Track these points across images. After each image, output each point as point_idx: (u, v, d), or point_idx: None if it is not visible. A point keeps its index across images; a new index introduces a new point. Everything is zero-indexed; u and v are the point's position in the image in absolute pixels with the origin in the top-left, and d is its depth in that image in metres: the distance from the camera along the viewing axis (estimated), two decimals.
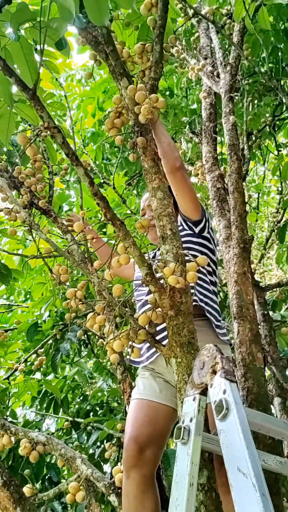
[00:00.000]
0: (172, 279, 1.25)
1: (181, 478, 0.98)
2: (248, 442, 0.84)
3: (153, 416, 1.53)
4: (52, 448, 1.83)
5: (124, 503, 1.42)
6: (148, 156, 1.61)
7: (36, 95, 1.16)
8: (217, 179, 2.67)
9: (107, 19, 1.19)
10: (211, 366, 1.04)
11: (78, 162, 1.24)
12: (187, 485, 0.95)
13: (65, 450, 1.79)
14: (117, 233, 1.30)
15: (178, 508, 0.94)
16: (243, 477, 0.81)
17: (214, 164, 2.76)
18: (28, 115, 2.28)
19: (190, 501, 0.94)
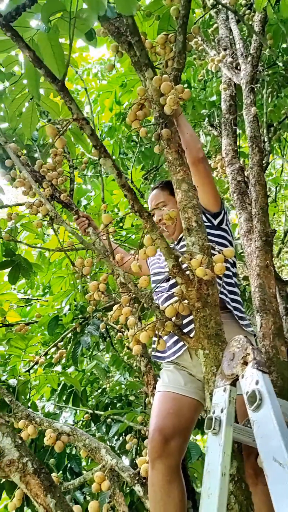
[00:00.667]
0: (200, 271, 1.24)
1: (213, 468, 0.98)
2: (283, 432, 0.84)
3: (178, 408, 1.53)
4: (76, 439, 1.85)
5: (150, 493, 1.43)
6: (172, 148, 1.61)
7: (65, 87, 1.17)
8: (237, 172, 2.65)
9: (135, 8, 1.19)
10: (242, 357, 1.04)
11: (107, 153, 1.24)
12: (220, 474, 0.95)
13: (90, 440, 1.81)
14: (144, 225, 1.30)
15: (211, 497, 0.94)
16: (279, 467, 0.81)
17: (234, 157, 2.74)
18: (51, 108, 2.30)
19: (222, 490, 0.94)
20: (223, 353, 1.15)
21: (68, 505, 1.28)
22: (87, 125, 1.20)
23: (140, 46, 1.52)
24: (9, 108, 2.16)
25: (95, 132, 1.23)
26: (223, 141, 2.83)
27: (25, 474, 1.26)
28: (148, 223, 1.29)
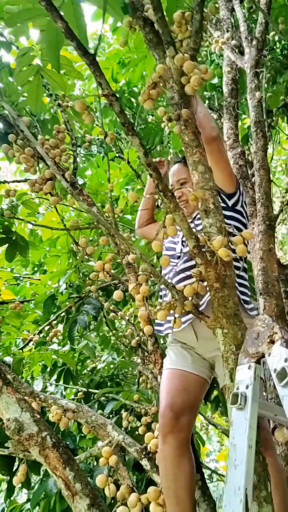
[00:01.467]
0: (222, 252, 1.26)
1: (240, 441, 1.02)
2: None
3: (186, 385, 1.57)
4: (82, 415, 1.87)
5: (161, 466, 1.47)
6: (189, 129, 1.60)
7: (96, 61, 1.15)
8: (239, 156, 2.66)
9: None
10: (268, 336, 1.07)
11: (134, 132, 1.23)
12: (247, 447, 0.99)
13: (96, 417, 1.84)
14: (167, 205, 1.30)
15: (238, 468, 0.98)
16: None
17: (235, 140, 2.75)
18: (56, 82, 2.25)
19: (249, 462, 0.98)
20: (246, 332, 1.18)
21: (85, 477, 1.31)
22: (116, 101, 1.19)
23: (163, 23, 1.49)
24: (16, 80, 2.11)
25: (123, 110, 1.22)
26: (225, 125, 2.84)
27: (44, 448, 1.28)
28: (172, 203, 1.30)
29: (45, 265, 3.93)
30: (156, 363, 1.86)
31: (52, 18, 1.05)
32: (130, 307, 3.47)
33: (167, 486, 1.42)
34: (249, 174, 2.64)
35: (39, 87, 2.18)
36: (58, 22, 1.07)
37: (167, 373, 1.64)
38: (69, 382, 3.37)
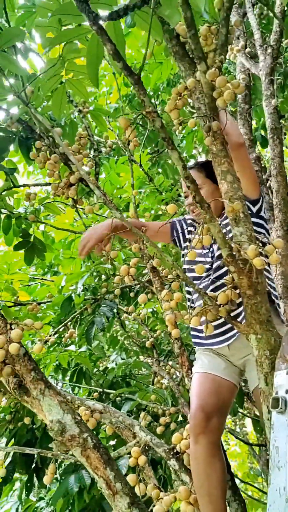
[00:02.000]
0: (258, 261, 1.32)
1: (282, 443, 1.07)
2: None
3: (217, 388, 1.63)
4: (109, 416, 1.93)
5: (193, 466, 1.53)
6: (218, 140, 1.66)
7: (140, 80, 1.20)
8: (254, 162, 2.72)
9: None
10: None
11: (174, 146, 1.28)
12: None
13: (123, 417, 1.89)
14: (203, 215, 1.36)
15: (282, 470, 1.04)
16: None
17: (250, 146, 2.80)
18: (79, 90, 2.30)
19: None
20: (283, 338, 1.23)
21: (124, 477, 1.36)
22: (158, 118, 1.24)
23: (196, 40, 1.54)
24: (43, 88, 2.16)
25: (164, 125, 1.27)
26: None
27: (85, 449, 1.33)
28: (208, 214, 1.35)
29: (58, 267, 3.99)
30: (183, 365, 1.92)
31: (102, 41, 1.10)
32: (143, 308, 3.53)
33: (200, 485, 1.48)
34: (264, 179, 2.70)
35: (63, 95, 2.24)
36: (107, 45, 1.11)
37: (198, 376, 1.70)
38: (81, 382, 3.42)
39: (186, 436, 1.69)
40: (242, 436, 5.48)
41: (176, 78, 3.80)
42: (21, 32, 1.74)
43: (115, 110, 4.22)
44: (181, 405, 2.34)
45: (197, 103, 1.79)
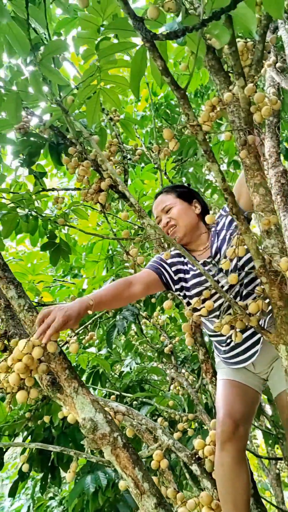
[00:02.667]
0: None
1: None
2: None
3: (244, 396, 1.66)
4: (132, 418, 1.96)
5: (219, 472, 1.55)
6: (252, 153, 1.70)
7: (186, 95, 1.25)
8: (281, 175, 2.75)
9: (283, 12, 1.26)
10: None
11: (214, 159, 1.33)
12: None
13: (146, 420, 1.92)
14: (239, 227, 1.40)
15: None
16: None
17: (277, 159, 2.84)
18: (112, 99, 2.37)
19: None
20: None
21: (151, 478, 1.40)
22: (201, 131, 1.29)
23: (236, 56, 1.59)
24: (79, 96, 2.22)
25: (206, 138, 1.32)
26: (267, 143, 2.92)
27: (115, 448, 1.37)
28: (244, 225, 1.39)
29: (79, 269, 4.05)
30: (207, 372, 1.95)
31: (153, 57, 1.16)
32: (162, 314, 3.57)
33: (225, 492, 1.51)
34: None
35: (97, 103, 2.30)
36: (158, 61, 1.17)
37: (224, 383, 1.73)
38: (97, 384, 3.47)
39: (209, 443, 1.71)
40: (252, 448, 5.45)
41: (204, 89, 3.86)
42: (64, 45, 1.81)
43: (141, 118, 4.29)
44: (199, 412, 2.37)
45: (231, 116, 1.84)
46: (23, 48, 1.66)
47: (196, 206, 1.89)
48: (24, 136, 2.74)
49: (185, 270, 1.83)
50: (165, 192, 1.93)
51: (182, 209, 1.83)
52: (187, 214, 1.82)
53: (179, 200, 1.87)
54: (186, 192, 1.92)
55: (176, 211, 1.81)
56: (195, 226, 1.83)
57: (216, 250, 1.75)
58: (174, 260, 1.85)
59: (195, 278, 1.79)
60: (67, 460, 2.88)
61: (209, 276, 1.56)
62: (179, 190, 1.91)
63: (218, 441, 1.57)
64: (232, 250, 1.46)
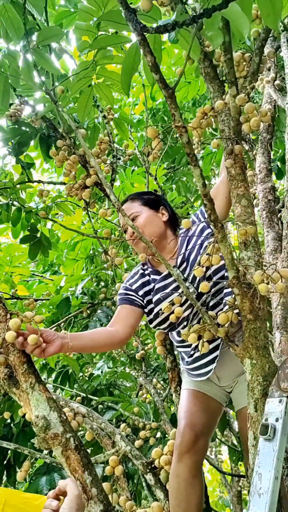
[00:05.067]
0: (263, 287, 1.33)
1: (265, 471, 1.07)
2: None
3: (206, 407, 1.63)
4: (91, 421, 1.91)
5: (173, 483, 1.51)
6: (238, 163, 1.69)
7: (174, 95, 1.22)
8: (269, 191, 2.75)
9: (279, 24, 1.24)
10: None
11: (197, 163, 1.30)
12: (273, 478, 1.05)
13: (106, 424, 1.88)
14: (216, 235, 1.37)
15: (262, 497, 1.03)
16: None
17: (267, 175, 2.83)
18: (106, 96, 2.34)
19: (275, 492, 1.03)
20: (279, 366, 1.24)
21: (101, 483, 1.35)
22: (186, 133, 1.26)
23: (230, 64, 1.58)
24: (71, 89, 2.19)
25: (190, 141, 1.29)
26: (258, 159, 2.92)
27: (67, 449, 1.32)
28: (220, 234, 1.37)
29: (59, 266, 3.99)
30: (172, 380, 1.91)
31: (144, 52, 1.13)
32: None
33: (177, 504, 1.46)
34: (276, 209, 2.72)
35: (89, 98, 2.27)
36: (148, 56, 1.14)
37: (188, 393, 1.69)
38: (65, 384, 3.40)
39: (166, 452, 1.67)
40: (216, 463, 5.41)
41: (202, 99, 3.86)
42: (60, 32, 1.78)
43: (138, 122, 4.27)
44: (163, 422, 2.33)
45: (221, 125, 1.82)
46: (17, 32, 1.62)
47: (164, 213, 1.82)
48: (15, 125, 2.69)
49: (150, 290, 1.75)
50: (130, 199, 1.86)
51: (148, 217, 1.76)
52: (153, 223, 1.75)
53: (145, 207, 1.79)
54: (153, 199, 1.85)
55: (142, 220, 1.74)
56: (162, 234, 1.77)
57: (183, 259, 1.69)
58: (138, 283, 1.77)
59: (157, 293, 1.71)
60: (24, 459, 2.80)
61: (181, 283, 1.53)
62: (145, 197, 1.85)
63: (176, 452, 1.53)
64: (206, 257, 1.43)
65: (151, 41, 1.38)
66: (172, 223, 1.84)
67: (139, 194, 1.89)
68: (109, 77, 2.22)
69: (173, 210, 1.89)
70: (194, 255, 1.66)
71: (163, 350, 1.98)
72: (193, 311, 1.69)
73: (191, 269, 1.65)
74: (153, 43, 1.40)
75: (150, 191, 1.99)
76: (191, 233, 1.73)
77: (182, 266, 1.69)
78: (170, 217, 1.82)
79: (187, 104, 4.19)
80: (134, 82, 4.24)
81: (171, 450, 1.67)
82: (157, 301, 1.68)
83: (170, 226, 1.82)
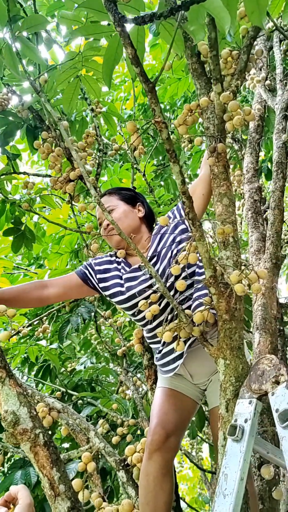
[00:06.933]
0: (239, 287, 1.32)
1: (231, 471, 1.06)
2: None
3: (179, 406, 1.62)
4: (66, 416, 1.90)
5: (143, 481, 1.50)
6: (221, 162, 1.67)
7: (154, 89, 1.20)
8: (255, 191, 2.74)
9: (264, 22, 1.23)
10: (273, 376, 1.13)
11: (176, 159, 1.29)
12: (238, 479, 1.04)
13: (80, 420, 1.86)
14: (193, 233, 1.36)
15: (227, 498, 1.03)
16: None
17: (254, 175, 2.83)
18: (93, 89, 2.31)
19: (239, 493, 1.03)
20: (251, 368, 1.23)
21: (69, 481, 1.34)
22: (166, 129, 1.25)
23: (216, 61, 1.56)
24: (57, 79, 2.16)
25: (170, 137, 1.28)
26: (246, 159, 2.92)
27: (35, 445, 1.31)
28: (198, 232, 1.35)
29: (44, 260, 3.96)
30: (149, 378, 1.90)
31: (124, 43, 1.11)
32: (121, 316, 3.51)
33: (146, 502, 1.46)
34: (261, 210, 2.72)
35: (76, 89, 2.24)
36: (128, 48, 1.12)
37: (161, 391, 1.68)
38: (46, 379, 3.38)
39: (139, 450, 1.67)
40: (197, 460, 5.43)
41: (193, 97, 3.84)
42: (45, 20, 1.75)
43: (129, 117, 4.24)
44: (141, 419, 2.32)
45: (206, 122, 1.81)
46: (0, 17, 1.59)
47: (140, 210, 1.84)
48: (2, 114, 2.65)
49: (110, 276, 1.74)
50: (108, 193, 1.89)
51: (123, 212, 1.78)
52: (128, 217, 1.77)
53: (121, 202, 1.82)
54: (130, 195, 1.88)
55: (117, 214, 1.76)
56: (136, 229, 1.78)
57: (153, 253, 1.70)
58: (102, 267, 1.77)
59: (128, 281, 1.70)
60: None
61: (159, 280, 1.51)
62: (123, 192, 1.88)
63: (146, 450, 1.52)
64: (183, 255, 1.42)
65: (134, 34, 1.36)
66: (148, 221, 1.86)
67: (118, 189, 1.91)
68: (97, 69, 2.19)
69: (150, 208, 1.90)
70: (165, 250, 1.67)
71: (140, 348, 1.97)
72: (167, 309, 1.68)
73: (161, 264, 1.65)
74: (137, 35, 1.38)
75: (129, 187, 2.00)
76: (165, 228, 1.73)
77: (152, 260, 1.69)
78: (146, 214, 1.84)
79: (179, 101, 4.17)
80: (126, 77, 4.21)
81: (143, 447, 1.66)
82: (128, 290, 1.67)
83: (146, 223, 1.83)
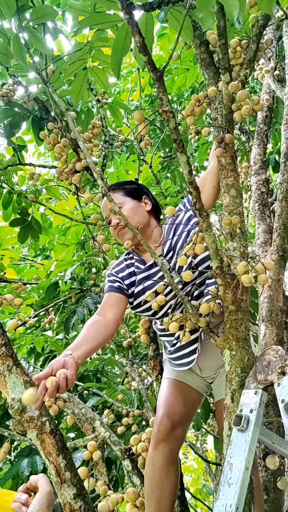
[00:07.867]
0: (245, 278, 1.32)
1: (236, 461, 1.07)
2: None
3: (186, 397, 1.62)
4: (72, 406, 1.91)
5: (149, 471, 1.51)
6: (229, 152, 1.66)
7: (162, 78, 1.20)
8: (262, 183, 2.72)
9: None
10: (279, 366, 1.13)
11: (183, 149, 1.28)
12: (243, 468, 1.05)
13: (86, 410, 1.88)
14: (200, 223, 1.35)
15: (232, 487, 1.03)
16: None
17: (261, 167, 2.81)
18: (100, 79, 2.30)
19: (244, 483, 1.03)
20: (257, 359, 1.23)
21: (75, 468, 1.35)
22: (173, 118, 1.24)
23: (225, 50, 1.54)
24: (65, 71, 2.15)
25: (177, 127, 1.27)
26: (254, 150, 2.90)
27: (42, 432, 1.32)
28: (205, 223, 1.35)
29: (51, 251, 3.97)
30: (154, 369, 1.91)
31: (132, 31, 1.10)
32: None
33: (151, 491, 1.47)
34: (268, 202, 2.70)
35: (84, 81, 2.23)
36: (136, 36, 1.11)
37: (168, 382, 1.68)
38: None
39: (144, 439, 1.68)
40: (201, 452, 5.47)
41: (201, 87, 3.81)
42: (53, 11, 1.73)
43: (135, 108, 4.22)
44: (146, 409, 2.33)
45: (214, 113, 1.79)
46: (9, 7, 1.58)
47: (146, 203, 1.78)
48: (8, 105, 2.65)
49: (134, 281, 1.70)
50: (112, 190, 1.79)
51: (131, 208, 1.70)
52: (137, 213, 1.70)
53: (127, 198, 1.74)
54: (135, 189, 1.80)
55: (125, 212, 1.67)
56: (146, 224, 1.72)
57: (169, 248, 1.67)
58: (125, 273, 1.73)
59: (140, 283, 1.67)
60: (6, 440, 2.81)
61: (166, 272, 1.51)
62: (127, 187, 1.79)
63: (152, 440, 1.53)
64: (190, 246, 1.42)
65: (142, 22, 1.35)
66: (156, 212, 1.82)
67: (121, 184, 1.83)
68: (105, 60, 2.18)
69: (155, 199, 1.86)
70: (180, 244, 1.65)
71: (146, 338, 1.97)
72: (178, 300, 1.68)
73: (177, 258, 1.62)
74: (145, 24, 1.36)
75: (132, 180, 1.93)
76: (178, 221, 1.71)
77: (169, 255, 1.67)
78: (153, 206, 1.79)
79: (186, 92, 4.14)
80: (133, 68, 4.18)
81: (149, 437, 1.68)
82: (139, 293, 1.66)
83: (154, 215, 1.80)
